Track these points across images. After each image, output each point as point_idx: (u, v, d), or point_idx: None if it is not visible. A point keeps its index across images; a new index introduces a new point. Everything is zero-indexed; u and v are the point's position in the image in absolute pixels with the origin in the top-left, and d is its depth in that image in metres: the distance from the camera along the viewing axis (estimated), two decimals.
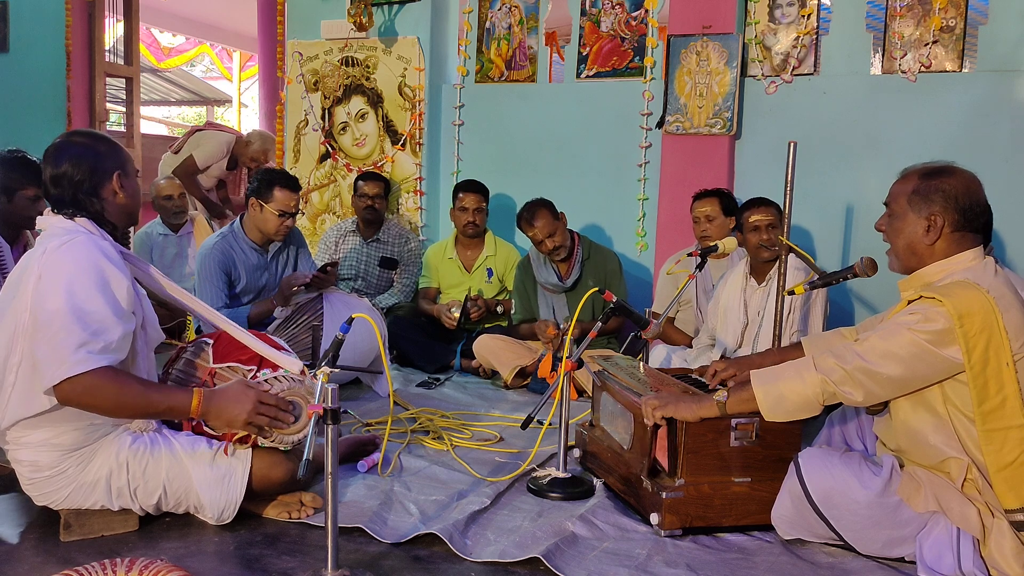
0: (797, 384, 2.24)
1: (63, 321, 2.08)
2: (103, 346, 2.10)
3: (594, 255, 4.33)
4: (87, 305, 2.10)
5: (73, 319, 2.08)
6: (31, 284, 2.14)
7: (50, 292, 2.11)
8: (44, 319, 2.10)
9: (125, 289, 2.19)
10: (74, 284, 2.11)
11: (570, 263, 4.28)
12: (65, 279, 2.11)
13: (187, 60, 13.20)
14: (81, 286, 2.11)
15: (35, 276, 2.14)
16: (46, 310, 2.10)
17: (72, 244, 2.17)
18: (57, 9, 6.50)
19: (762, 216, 3.49)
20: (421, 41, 5.38)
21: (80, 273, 2.13)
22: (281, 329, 3.82)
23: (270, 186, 3.86)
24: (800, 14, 4.55)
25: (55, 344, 2.08)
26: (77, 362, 2.06)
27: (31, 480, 2.24)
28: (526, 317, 4.41)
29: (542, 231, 4.16)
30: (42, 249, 2.19)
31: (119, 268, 2.20)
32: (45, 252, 2.17)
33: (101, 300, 2.12)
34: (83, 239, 2.19)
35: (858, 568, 2.22)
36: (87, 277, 2.13)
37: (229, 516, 2.33)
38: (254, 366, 2.46)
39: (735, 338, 3.60)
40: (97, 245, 2.20)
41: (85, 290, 2.11)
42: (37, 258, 2.17)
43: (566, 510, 2.54)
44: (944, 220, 2.20)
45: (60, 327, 2.08)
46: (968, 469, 2.16)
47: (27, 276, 2.17)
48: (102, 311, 2.12)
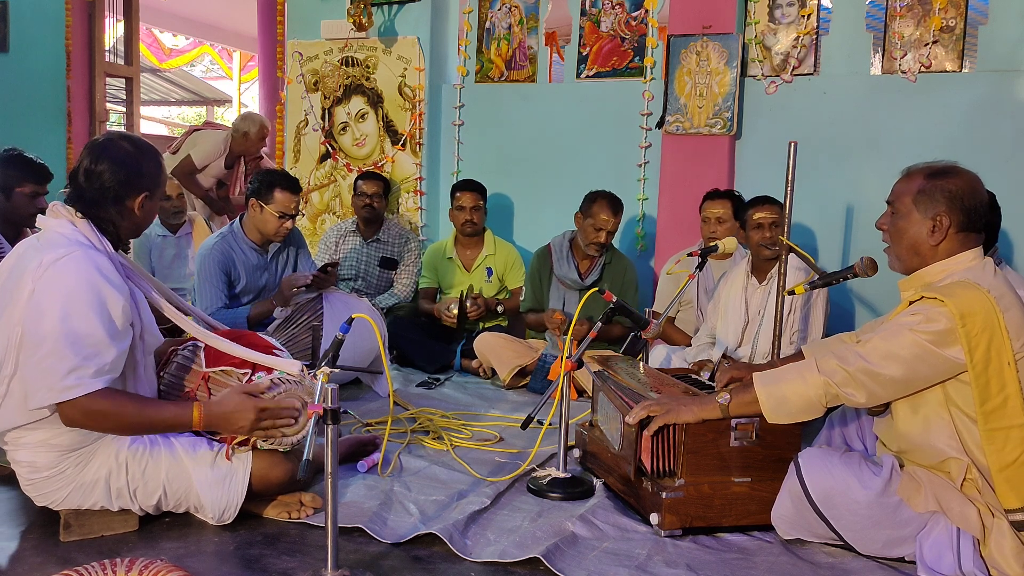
0: (799, 386, 2.24)
1: (54, 345, 2.05)
2: (95, 370, 2.09)
3: (615, 261, 4.33)
4: (81, 327, 2.07)
5: (65, 343, 2.05)
6: (24, 298, 2.10)
7: (43, 312, 2.07)
8: (35, 340, 2.07)
9: (120, 307, 2.15)
10: (68, 306, 2.08)
11: (592, 263, 4.29)
12: (60, 300, 2.08)
13: (189, 60, 13.22)
14: (76, 307, 2.08)
15: (28, 290, 2.10)
16: (38, 331, 2.07)
17: (68, 260, 2.12)
18: (57, 9, 6.50)
19: (766, 214, 3.50)
20: (421, 41, 5.38)
21: (75, 293, 2.09)
22: (281, 329, 3.82)
23: (270, 187, 3.85)
24: (800, 14, 4.55)
25: (44, 368, 2.06)
26: (66, 388, 2.06)
27: (30, 481, 2.23)
28: (534, 307, 4.41)
29: (615, 224, 4.17)
30: (37, 262, 2.13)
31: (114, 286, 2.15)
32: (40, 265, 2.11)
33: (96, 321, 2.09)
34: (80, 255, 2.13)
35: (858, 568, 2.22)
36: (82, 297, 2.09)
37: (230, 517, 2.33)
38: (248, 369, 2.45)
39: (735, 336, 3.60)
40: (94, 261, 2.15)
41: (80, 311, 2.08)
42: (31, 271, 2.12)
43: (566, 510, 2.54)
44: (950, 220, 2.19)
45: (50, 351, 2.06)
46: (968, 469, 2.16)
47: (21, 287, 2.12)
48: (96, 334, 2.09)
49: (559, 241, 4.36)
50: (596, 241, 4.17)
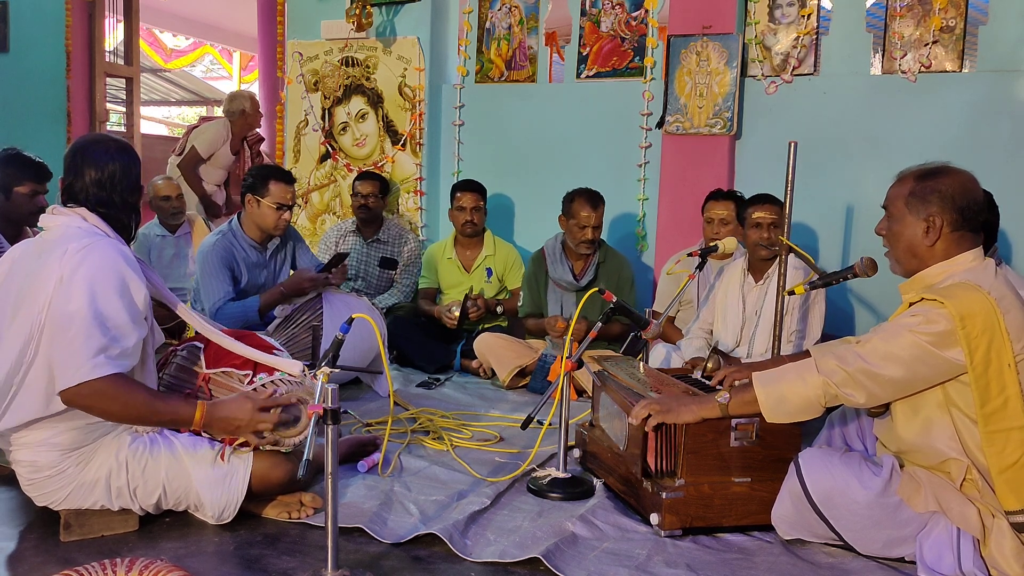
0: (799, 386, 2.24)
1: (83, 324, 2.08)
2: (120, 352, 2.12)
3: (610, 259, 4.33)
4: (108, 310, 2.11)
5: (94, 323, 2.08)
6: (51, 285, 2.13)
7: (71, 294, 2.10)
8: (63, 321, 2.09)
9: (143, 295, 2.20)
10: (96, 287, 2.11)
11: (587, 263, 4.29)
12: (87, 282, 2.11)
13: (192, 61, 13.23)
14: (103, 290, 2.12)
15: (55, 278, 2.13)
16: (66, 312, 2.09)
17: (94, 246, 2.17)
18: (57, 9, 6.50)
19: (765, 213, 3.48)
20: (421, 41, 5.38)
21: (102, 276, 2.13)
22: (281, 329, 3.82)
23: (265, 180, 3.88)
24: (800, 14, 4.55)
25: (74, 348, 2.08)
26: (95, 367, 2.07)
27: (31, 480, 2.24)
28: (533, 311, 4.41)
29: (597, 219, 4.17)
30: (62, 250, 2.16)
31: (138, 274, 2.21)
32: (66, 253, 2.15)
33: (121, 305, 2.13)
34: (104, 243, 2.20)
35: (858, 568, 2.22)
36: (109, 281, 2.13)
37: (229, 516, 2.33)
38: (249, 370, 2.45)
39: (734, 336, 3.60)
40: (117, 249, 2.21)
41: (106, 294, 2.12)
42: (57, 259, 2.15)
43: (566, 510, 2.54)
44: (943, 220, 2.20)
45: (80, 330, 2.08)
46: (968, 470, 2.16)
47: (44, 277, 2.15)
48: (121, 317, 2.13)
49: (552, 244, 4.36)
50: (584, 239, 4.18)
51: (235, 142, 6.15)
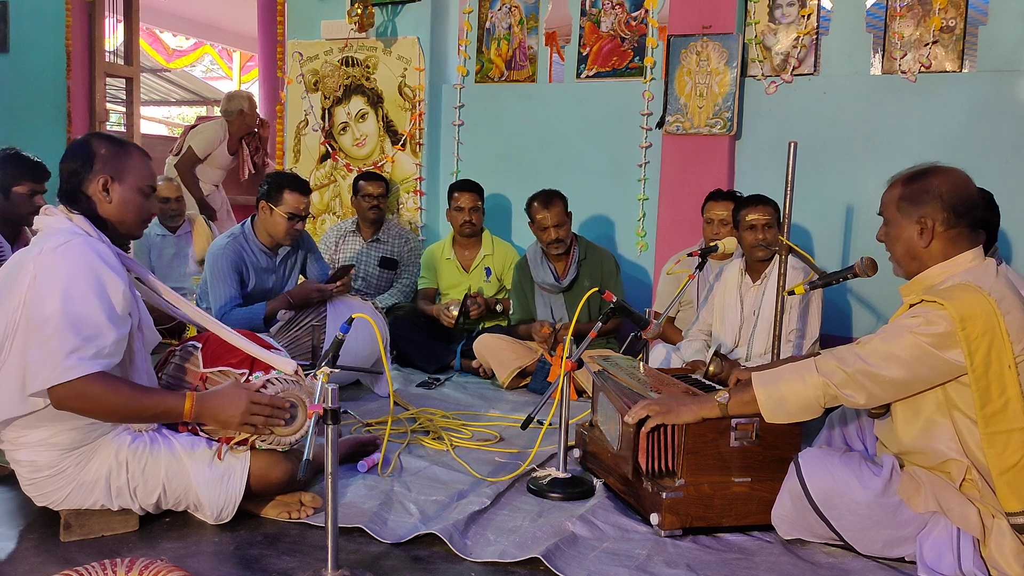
0: (798, 386, 2.24)
1: (56, 326, 2.07)
2: (95, 352, 2.09)
3: (591, 255, 4.33)
4: (82, 310, 2.09)
5: (66, 324, 2.07)
6: (25, 284, 2.12)
7: (45, 295, 2.09)
8: (37, 322, 2.09)
9: (121, 292, 2.17)
10: (70, 287, 2.10)
11: (567, 262, 4.29)
12: (61, 282, 2.10)
13: (192, 61, 13.23)
14: (77, 289, 2.10)
15: (30, 276, 2.12)
16: (40, 314, 2.09)
17: (69, 246, 2.15)
18: (57, 9, 6.50)
19: (758, 215, 3.47)
20: (421, 41, 5.38)
21: (76, 276, 2.11)
22: (283, 330, 3.81)
23: (279, 189, 3.84)
24: (800, 14, 4.55)
25: (46, 349, 2.07)
26: (68, 368, 2.06)
27: (31, 480, 2.23)
28: (524, 318, 4.42)
29: (554, 218, 4.17)
30: (38, 249, 2.16)
31: (115, 271, 2.18)
32: (41, 252, 2.15)
33: (96, 304, 2.11)
34: (80, 241, 2.18)
35: (858, 568, 2.22)
36: (83, 280, 2.11)
37: (228, 515, 2.32)
38: (245, 369, 2.45)
39: (733, 336, 3.59)
40: (94, 247, 2.18)
41: (81, 294, 2.10)
42: (32, 257, 2.15)
43: (566, 510, 2.54)
44: (935, 220, 2.20)
45: (52, 332, 2.07)
46: (968, 470, 2.16)
47: (21, 275, 2.15)
48: (96, 316, 2.10)
49: (533, 249, 4.39)
50: (549, 240, 4.20)
51: (232, 142, 6.15)
